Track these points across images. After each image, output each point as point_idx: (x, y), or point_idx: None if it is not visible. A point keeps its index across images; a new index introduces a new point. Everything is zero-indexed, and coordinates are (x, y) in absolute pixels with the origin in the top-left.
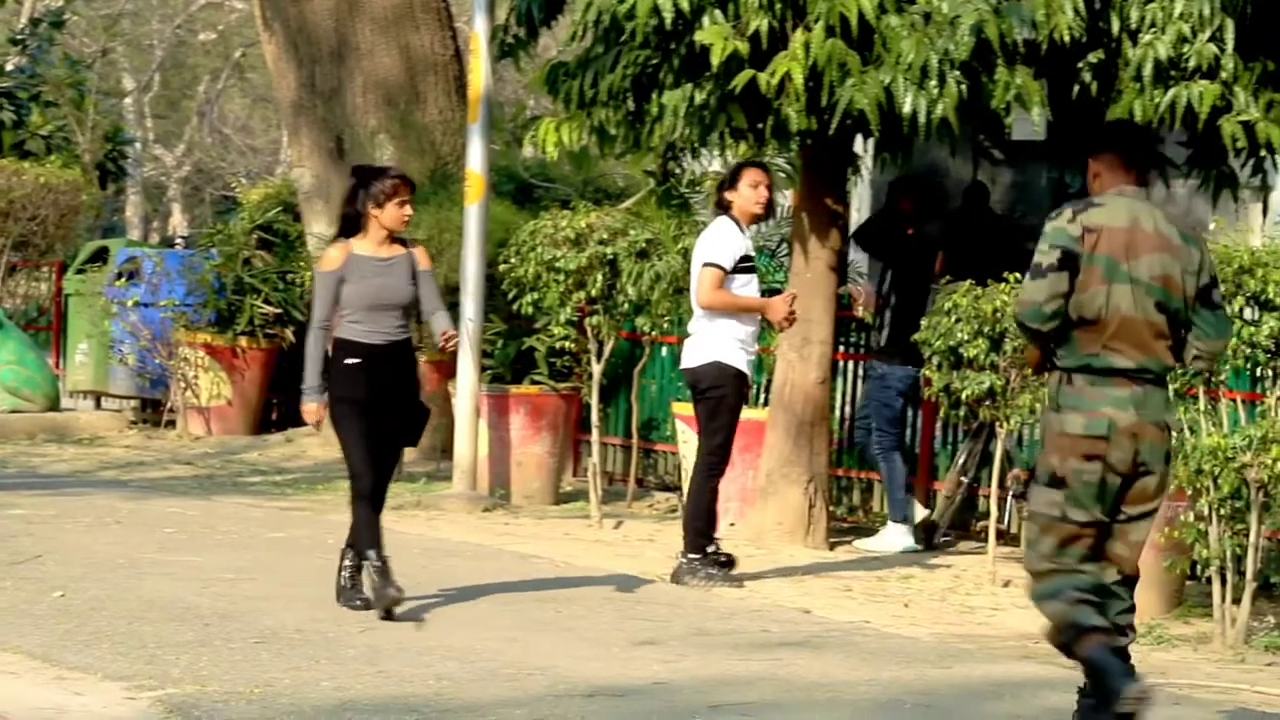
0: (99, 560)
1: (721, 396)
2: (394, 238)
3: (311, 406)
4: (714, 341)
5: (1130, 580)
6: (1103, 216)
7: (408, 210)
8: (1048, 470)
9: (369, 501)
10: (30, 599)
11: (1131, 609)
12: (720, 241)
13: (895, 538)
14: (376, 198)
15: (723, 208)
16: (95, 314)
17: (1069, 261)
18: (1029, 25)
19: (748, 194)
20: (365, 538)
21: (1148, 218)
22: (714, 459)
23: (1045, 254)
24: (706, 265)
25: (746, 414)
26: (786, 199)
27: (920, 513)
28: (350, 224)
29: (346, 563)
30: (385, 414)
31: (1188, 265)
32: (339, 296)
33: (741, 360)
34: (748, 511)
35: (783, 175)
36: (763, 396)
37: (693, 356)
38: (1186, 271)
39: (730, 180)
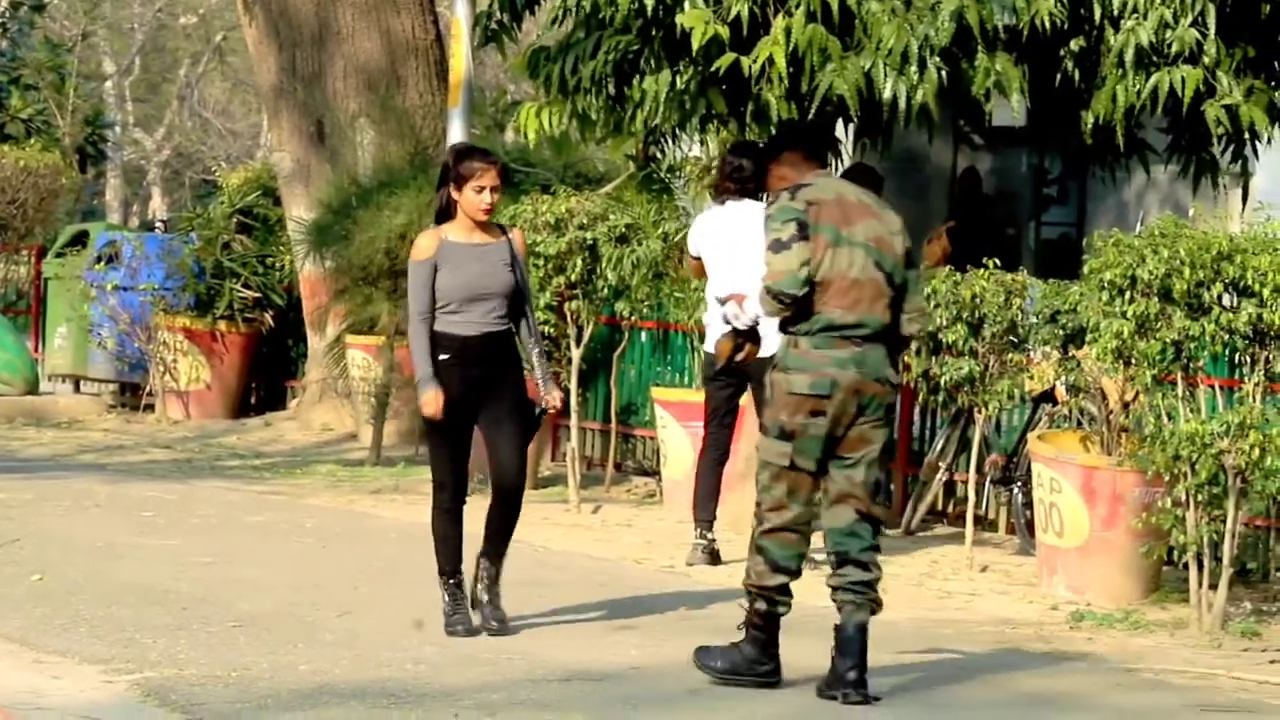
0: (77, 544)
1: None
2: (490, 222)
3: (429, 394)
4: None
5: (868, 518)
6: (815, 193)
7: (487, 197)
8: (777, 424)
9: (450, 515)
10: (8, 583)
11: (874, 547)
12: None
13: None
14: (456, 180)
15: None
16: (74, 298)
17: (804, 231)
18: (1009, 11)
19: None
20: (444, 556)
21: (848, 190)
22: None
23: (781, 229)
24: None
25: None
26: None
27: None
28: (443, 209)
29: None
30: (487, 414)
31: (892, 228)
32: (434, 288)
33: None
34: (727, 497)
35: None
36: None
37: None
38: (892, 233)
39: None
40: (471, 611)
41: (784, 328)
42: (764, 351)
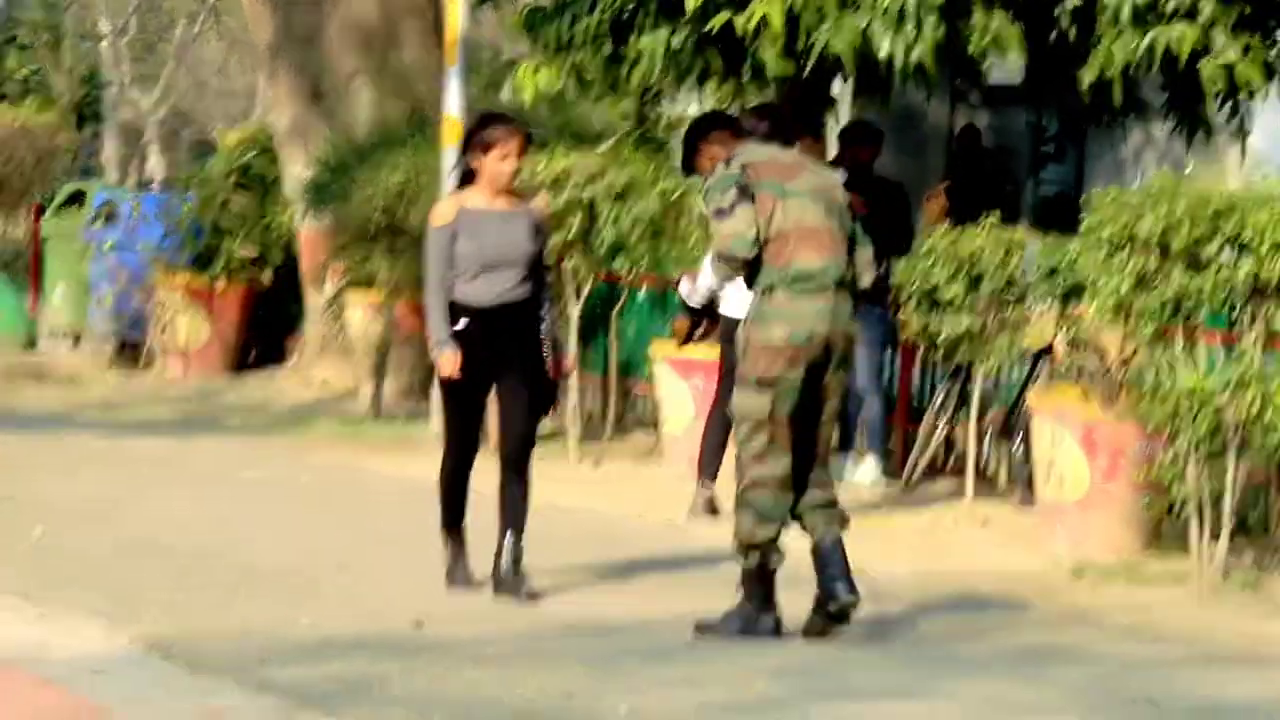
0: (78, 500)
1: None
2: (513, 189)
3: (447, 354)
4: None
5: (825, 462)
6: (748, 156)
7: (510, 165)
8: (754, 376)
9: (458, 475)
10: (9, 538)
11: (833, 484)
12: None
13: (874, 468)
14: (480, 146)
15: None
16: (72, 256)
17: (746, 193)
18: None
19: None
20: (448, 510)
21: (781, 152)
22: None
23: (722, 197)
24: None
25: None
26: None
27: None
28: (465, 174)
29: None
30: (502, 383)
31: (830, 181)
32: (453, 255)
33: None
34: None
35: None
36: None
37: None
38: (834, 185)
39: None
40: (469, 568)
41: (753, 284)
42: (733, 312)
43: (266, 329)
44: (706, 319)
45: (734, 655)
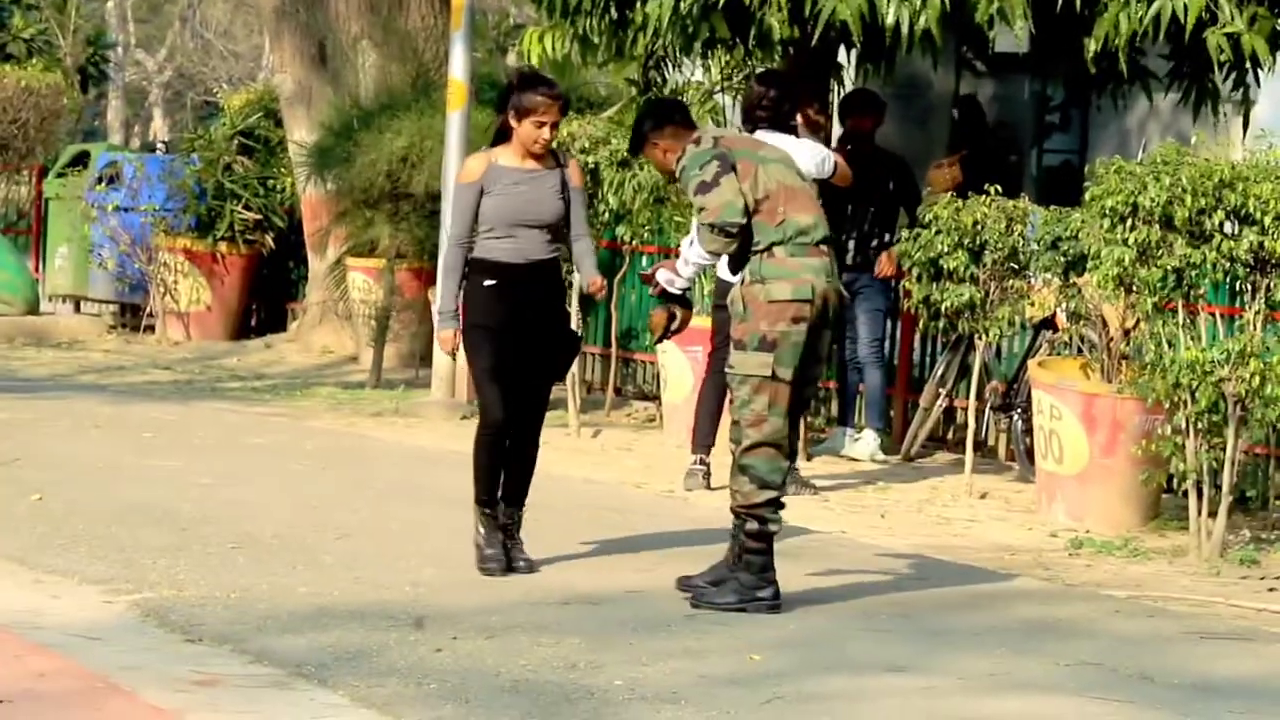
0: (77, 464)
1: None
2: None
3: (447, 334)
4: None
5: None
6: (713, 133)
7: (545, 133)
8: (756, 336)
9: (495, 445)
10: (8, 502)
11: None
12: None
13: (873, 442)
14: (516, 109)
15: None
16: (75, 218)
17: (726, 163)
18: None
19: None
20: (483, 484)
21: (737, 133)
22: None
23: (703, 171)
24: None
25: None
26: None
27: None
28: (500, 131)
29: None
30: (527, 343)
31: (789, 154)
32: (478, 212)
33: None
34: (725, 421)
35: None
36: None
37: None
38: (791, 158)
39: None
40: (505, 551)
41: (750, 250)
42: (727, 275)
43: (268, 294)
44: (683, 308)
45: (733, 627)
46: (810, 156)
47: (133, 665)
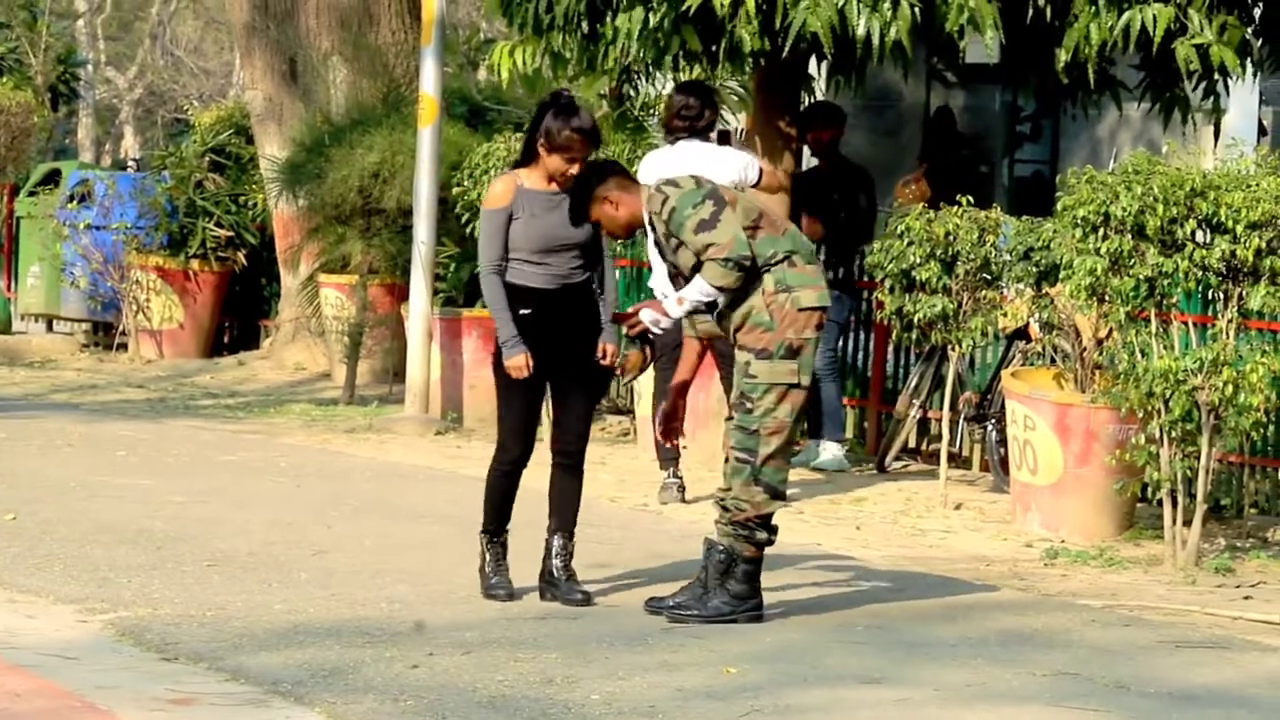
0: (51, 483)
1: None
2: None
3: (519, 360)
4: None
5: None
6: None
7: (574, 169)
8: (784, 344)
9: (511, 477)
10: None
11: None
12: None
13: (836, 453)
14: (548, 139)
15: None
16: (47, 237)
17: (719, 199)
18: None
19: None
20: (494, 515)
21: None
22: None
23: (698, 210)
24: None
25: None
26: (740, 122)
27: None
28: (527, 151)
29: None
30: (565, 368)
31: None
32: (508, 236)
33: None
34: (699, 434)
35: (735, 98)
36: None
37: None
38: None
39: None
40: (510, 580)
41: (767, 264)
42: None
43: (241, 311)
44: (650, 348)
45: (709, 640)
46: (733, 166)
47: (108, 685)
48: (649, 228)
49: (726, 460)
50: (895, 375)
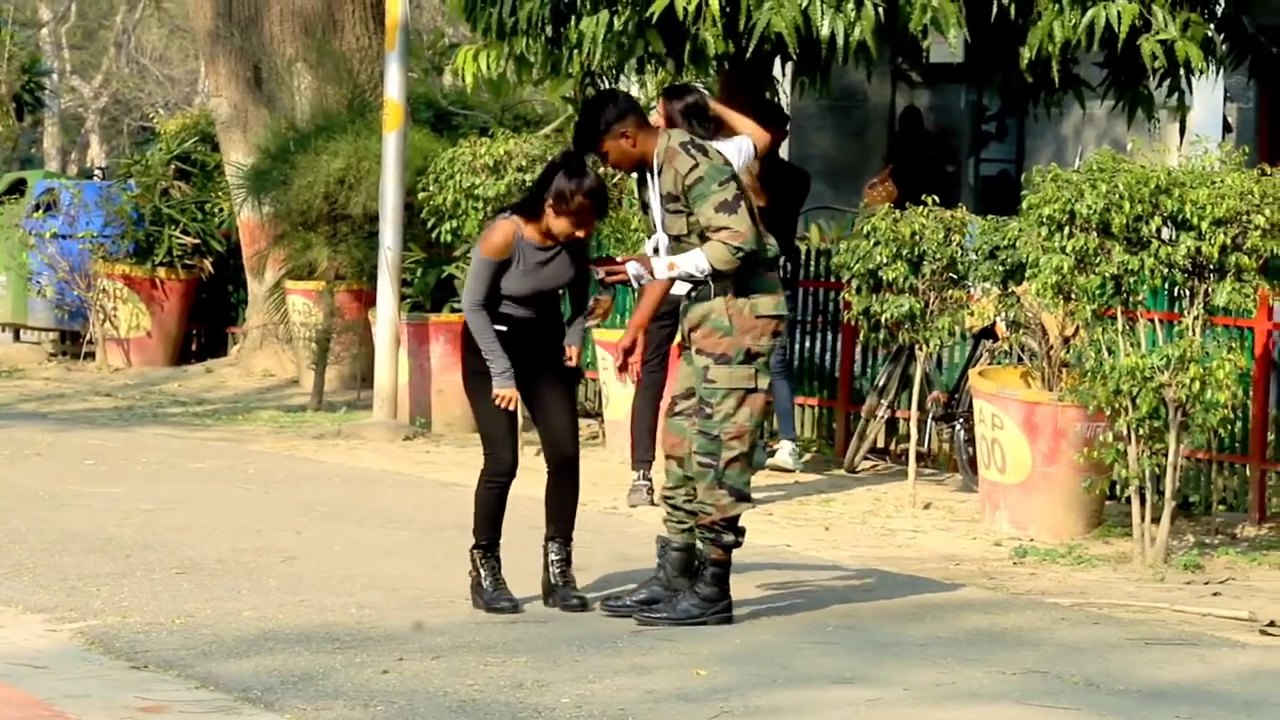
0: (19, 492)
1: None
2: None
3: (509, 391)
4: None
5: None
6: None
7: (579, 234)
8: (742, 349)
9: (501, 490)
10: None
11: None
12: None
13: (792, 452)
14: (557, 201)
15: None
16: (13, 246)
17: (740, 186)
18: None
19: None
20: (485, 528)
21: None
22: None
23: (724, 189)
24: None
25: None
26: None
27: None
28: (533, 201)
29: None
30: (541, 377)
31: None
32: (499, 282)
33: None
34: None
35: None
36: None
37: None
38: None
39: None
40: (509, 591)
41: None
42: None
43: (208, 319)
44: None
45: (679, 643)
46: (737, 151)
47: (78, 693)
48: (652, 176)
49: (668, 458)
50: (863, 376)
